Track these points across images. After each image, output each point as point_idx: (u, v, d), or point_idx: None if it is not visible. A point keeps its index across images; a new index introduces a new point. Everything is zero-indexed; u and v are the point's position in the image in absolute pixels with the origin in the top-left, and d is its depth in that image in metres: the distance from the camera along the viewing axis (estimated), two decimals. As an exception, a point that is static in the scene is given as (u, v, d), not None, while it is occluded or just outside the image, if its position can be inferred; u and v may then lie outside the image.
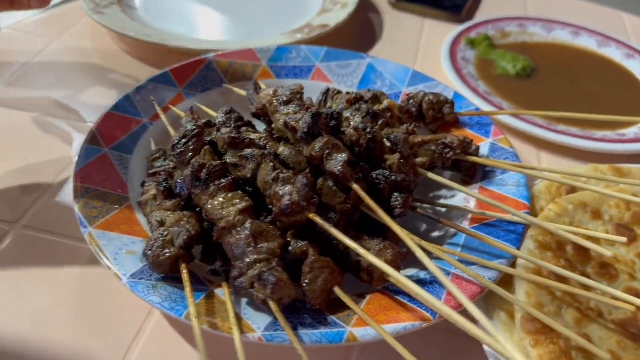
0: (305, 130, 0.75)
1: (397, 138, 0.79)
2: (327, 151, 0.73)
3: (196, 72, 1.03)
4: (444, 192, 0.91)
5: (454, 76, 1.15)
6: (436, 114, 0.95)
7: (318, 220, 0.67)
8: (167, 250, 0.67)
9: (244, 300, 0.68)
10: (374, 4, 1.53)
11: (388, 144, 0.83)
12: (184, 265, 0.68)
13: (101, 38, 1.31)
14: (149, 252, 0.68)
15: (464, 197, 0.87)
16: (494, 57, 1.25)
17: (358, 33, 1.39)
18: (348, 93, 0.97)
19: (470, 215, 0.82)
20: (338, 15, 1.32)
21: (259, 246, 0.65)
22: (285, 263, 0.69)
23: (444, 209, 0.85)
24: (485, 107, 1.08)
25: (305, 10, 1.44)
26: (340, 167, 0.71)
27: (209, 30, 1.36)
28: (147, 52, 1.24)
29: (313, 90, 1.03)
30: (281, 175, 0.70)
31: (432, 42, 1.34)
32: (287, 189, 0.69)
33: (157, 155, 0.85)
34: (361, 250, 0.64)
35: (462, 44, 1.27)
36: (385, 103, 0.96)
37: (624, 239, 0.69)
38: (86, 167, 0.82)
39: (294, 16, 1.41)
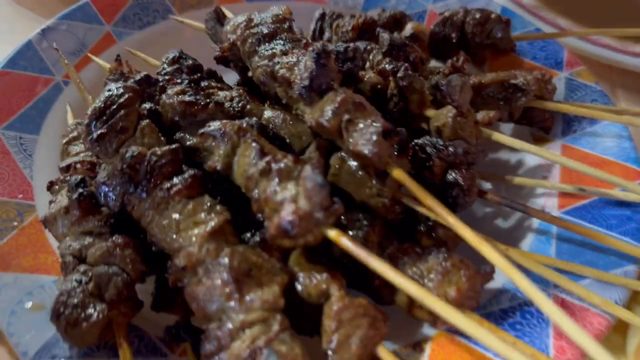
0: (308, 82, 0.45)
1: (451, 85, 0.50)
2: (347, 116, 0.44)
3: (130, 1, 0.70)
4: (500, 155, 0.63)
5: (490, -16, 0.84)
6: (485, 39, 0.65)
7: (344, 242, 0.39)
8: (90, 311, 0.39)
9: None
10: None
11: (428, 93, 0.54)
12: (121, 333, 0.40)
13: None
14: (61, 315, 0.39)
15: (538, 164, 0.60)
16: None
17: None
18: (352, 16, 0.67)
19: (556, 194, 0.55)
20: None
21: (248, 297, 0.37)
22: (289, 307, 0.42)
23: (511, 187, 0.58)
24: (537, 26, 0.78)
25: None
26: (372, 146, 0.42)
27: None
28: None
29: (301, 14, 0.73)
30: (274, 166, 0.41)
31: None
32: (287, 190, 0.40)
33: (76, 133, 0.55)
34: (413, 290, 0.37)
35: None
36: (410, 27, 0.66)
37: None
38: (-38, 162, 0.52)
39: None
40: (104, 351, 0.42)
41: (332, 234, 0.40)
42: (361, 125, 0.43)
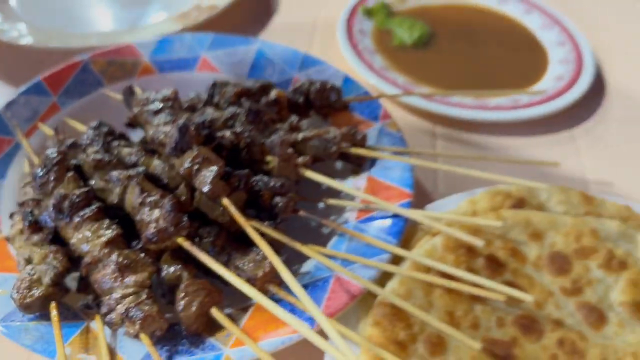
0: (173, 145, 0.72)
1: (272, 143, 0.77)
2: (197, 166, 0.71)
3: (71, 77, 0.96)
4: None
5: (350, 52, 1.12)
6: (324, 102, 0.93)
7: (187, 245, 0.66)
8: (34, 291, 0.65)
9: (122, 331, 0.67)
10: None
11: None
12: (52, 304, 0.66)
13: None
14: (16, 294, 0.65)
15: (353, 186, 0.87)
16: (392, 26, 1.22)
17: (251, 12, 1.33)
18: (234, 85, 0.94)
19: (357, 210, 0.82)
20: (227, -6, 1.25)
21: (126, 280, 0.64)
22: (162, 290, 0.68)
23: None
24: (380, 84, 1.06)
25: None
26: (208, 185, 0.69)
27: (90, 20, 1.27)
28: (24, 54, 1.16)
29: (202, 83, 0.99)
30: (147, 199, 0.68)
31: (331, 16, 1.29)
32: (154, 214, 0.67)
33: (29, 180, 0.80)
34: (227, 274, 0.63)
35: (359, 14, 1.23)
36: (273, 94, 0.93)
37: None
38: (-50, 201, 0.77)
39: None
40: (44, 317, 0.67)
41: (180, 240, 0.66)
42: (203, 172, 0.70)
